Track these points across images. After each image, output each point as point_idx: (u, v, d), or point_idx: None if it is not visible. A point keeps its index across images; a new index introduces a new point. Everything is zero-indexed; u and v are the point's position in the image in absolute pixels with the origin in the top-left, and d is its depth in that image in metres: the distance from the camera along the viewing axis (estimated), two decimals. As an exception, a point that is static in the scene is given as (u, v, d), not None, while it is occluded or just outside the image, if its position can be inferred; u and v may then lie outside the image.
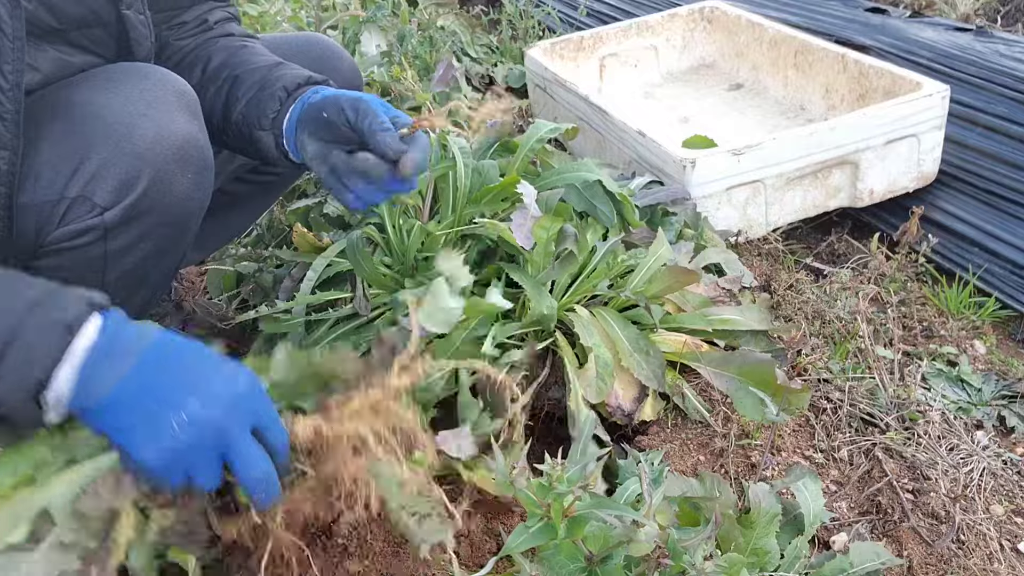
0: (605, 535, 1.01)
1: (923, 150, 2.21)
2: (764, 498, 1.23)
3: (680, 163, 2.01)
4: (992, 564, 1.32)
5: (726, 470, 1.45)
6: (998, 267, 2.05)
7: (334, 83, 1.32)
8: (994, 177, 2.21)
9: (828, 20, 3.04)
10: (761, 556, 1.17)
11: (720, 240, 1.96)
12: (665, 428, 1.53)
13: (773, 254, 2.17)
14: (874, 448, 1.52)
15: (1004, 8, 3.64)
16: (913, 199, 2.25)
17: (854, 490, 1.46)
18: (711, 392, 1.58)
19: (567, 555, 1.00)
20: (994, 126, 2.30)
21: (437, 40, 3.26)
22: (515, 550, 0.96)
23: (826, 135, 2.09)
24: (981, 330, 1.93)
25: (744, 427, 1.53)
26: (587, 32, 2.91)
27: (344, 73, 1.58)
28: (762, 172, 2.08)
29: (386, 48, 3.14)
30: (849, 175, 2.19)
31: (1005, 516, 1.42)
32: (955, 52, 2.59)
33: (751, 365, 1.46)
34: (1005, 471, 1.50)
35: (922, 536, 1.36)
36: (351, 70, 1.62)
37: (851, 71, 2.44)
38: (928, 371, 1.75)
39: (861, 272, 2.10)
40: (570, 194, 1.68)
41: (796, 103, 2.67)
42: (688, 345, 1.54)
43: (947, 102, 2.17)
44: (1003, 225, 2.12)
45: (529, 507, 0.96)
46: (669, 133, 2.23)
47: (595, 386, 1.44)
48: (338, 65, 1.58)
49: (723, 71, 2.97)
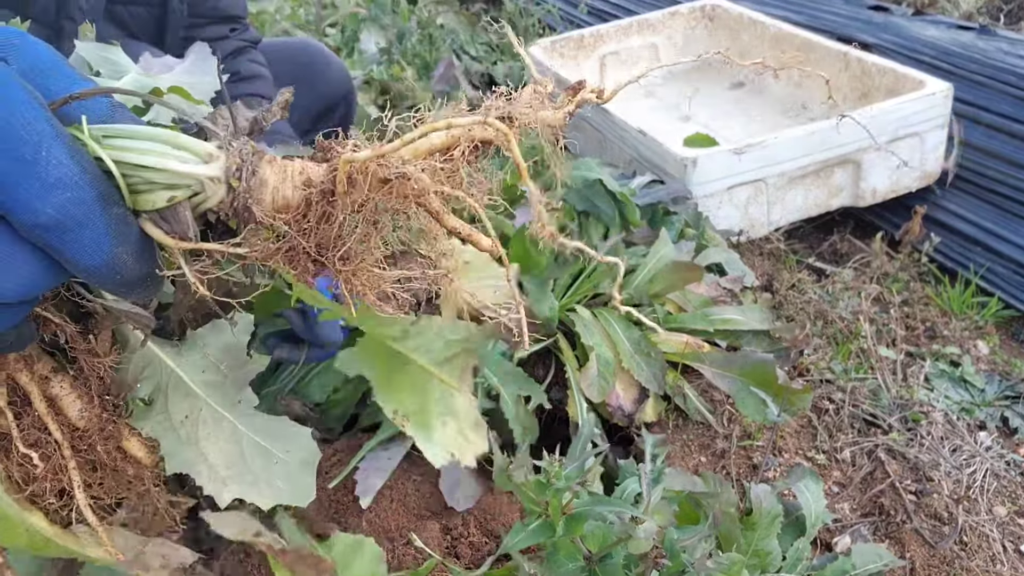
0: (604, 534, 1.00)
1: (926, 149, 2.20)
2: (765, 499, 1.22)
3: (681, 162, 1.99)
4: (995, 565, 1.31)
5: (728, 471, 1.44)
6: (1001, 267, 2.04)
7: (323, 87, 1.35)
8: (997, 176, 2.20)
9: (830, 18, 3.03)
10: (763, 557, 1.16)
11: (721, 239, 1.95)
12: (667, 429, 1.52)
13: (775, 254, 2.16)
14: (876, 449, 1.51)
15: (1007, 6, 3.63)
16: (916, 198, 2.24)
17: (856, 491, 1.45)
18: (713, 393, 1.57)
19: (566, 554, 0.99)
20: (997, 125, 2.29)
21: (437, 38, 3.25)
22: (513, 548, 0.95)
23: (828, 134, 2.08)
24: (984, 330, 1.92)
25: (746, 428, 1.52)
26: (588, 30, 2.90)
27: (332, 79, 1.60)
28: (764, 171, 2.07)
29: (385, 46, 3.13)
30: (851, 174, 2.18)
31: (1008, 517, 1.41)
32: (958, 50, 2.58)
33: (753, 365, 1.46)
34: (1008, 472, 1.49)
35: (925, 538, 1.35)
36: (339, 75, 1.64)
37: (853, 69, 2.43)
38: (931, 371, 1.74)
39: (863, 272, 2.09)
40: (571, 193, 1.67)
41: (798, 102, 2.65)
42: (690, 345, 1.53)
43: (950, 100, 2.16)
44: (1006, 224, 2.11)
45: (527, 504, 0.95)
46: (670, 132, 2.22)
47: (596, 385, 1.43)
48: (326, 71, 1.61)
49: (725, 70, 2.96)
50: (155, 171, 0.39)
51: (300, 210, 0.41)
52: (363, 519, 1.35)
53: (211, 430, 0.49)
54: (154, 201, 0.40)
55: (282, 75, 1.58)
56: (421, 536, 1.28)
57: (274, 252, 0.41)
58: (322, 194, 0.41)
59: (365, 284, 0.43)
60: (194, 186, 0.40)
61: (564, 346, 1.49)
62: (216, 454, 0.48)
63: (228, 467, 0.48)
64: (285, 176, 0.41)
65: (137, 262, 0.41)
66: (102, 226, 0.39)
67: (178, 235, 0.41)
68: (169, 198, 0.40)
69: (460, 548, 1.31)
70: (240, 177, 0.41)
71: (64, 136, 0.38)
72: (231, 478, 0.48)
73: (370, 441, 1.45)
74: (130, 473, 0.50)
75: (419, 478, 1.42)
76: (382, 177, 0.40)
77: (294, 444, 0.49)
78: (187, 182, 0.40)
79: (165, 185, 0.40)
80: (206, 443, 0.49)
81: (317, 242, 0.41)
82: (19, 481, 0.49)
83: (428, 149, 0.41)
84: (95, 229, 0.38)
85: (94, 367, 0.49)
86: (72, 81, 0.42)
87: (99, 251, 0.39)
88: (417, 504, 1.38)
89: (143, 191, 0.40)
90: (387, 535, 1.32)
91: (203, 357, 0.51)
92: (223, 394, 0.50)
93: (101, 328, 0.49)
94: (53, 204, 0.37)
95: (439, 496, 1.37)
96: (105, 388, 0.50)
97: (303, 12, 3.48)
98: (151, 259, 0.42)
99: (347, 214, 0.41)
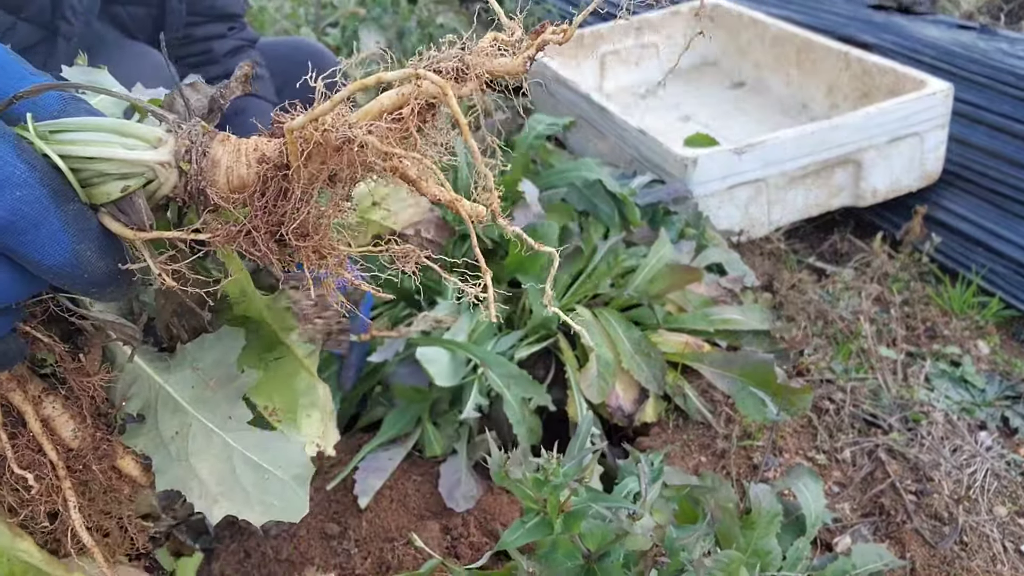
0: (603, 532, 0.99)
1: (926, 149, 2.19)
2: (765, 498, 1.22)
3: (681, 161, 1.99)
4: (995, 566, 1.31)
5: (728, 471, 1.44)
6: (1002, 267, 2.04)
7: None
8: (998, 176, 2.20)
9: (831, 17, 3.02)
10: (762, 556, 1.16)
11: (722, 239, 1.95)
12: (667, 429, 1.52)
13: (775, 253, 2.16)
14: (877, 449, 1.51)
15: (1007, 6, 3.62)
16: (916, 198, 2.24)
17: (857, 491, 1.45)
18: (713, 393, 1.57)
19: (565, 552, 0.99)
20: (998, 124, 2.28)
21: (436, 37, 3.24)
22: (511, 545, 0.95)
23: (829, 133, 2.08)
24: (985, 330, 1.92)
25: (746, 428, 1.52)
26: (588, 30, 2.90)
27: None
28: (764, 171, 2.07)
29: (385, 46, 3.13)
30: (852, 174, 2.18)
31: (1008, 517, 1.40)
32: (958, 50, 2.57)
33: (753, 365, 1.45)
34: (1008, 472, 1.49)
35: (925, 538, 1.35)
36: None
37: (854, 69, 2.43)
38: (931, 371, 1.74)
39: (864, 272, 2.09)
40: (571, 193, 1.67)
41: (798, 101, 2.65)
42: (690, 345, 1.53)
43: (951, 100, 2.16)
44: (1007, 224, 2.11)
45: (526, 502, 0.95)
46: (670, 131, 2.22)
47: (596, 386, 1.43)
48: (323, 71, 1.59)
49: (725, 69, 2.96)
50: (104, 161, 0.38)
51: (257, 188, 0.39)
52: (363, 519, 1.35)
53: (201, 446, 0.48)
54: (108, 192, 0.39)
55: (280, 75, 1.57)
56: (421, 536, 1.28)
57: (235, 235, 0.39)
58: (276, 169, 0.39)
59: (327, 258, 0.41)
60: (147, 173, 0.39)
61: (564, 346, 1.49)
62: (207, 471, 0.48)
63: (219, 483, 0.47)
64: (239, 155, 0.39)
65: (101, 258, 0.40)
66: (58, 223, 0.37)
67: (136, 225, 0.39)
68: (123, 188, 0.39)
69: (460, 548, 1.31)
70: (191, 160, 0.39)
71: (8, 135, 0.37)
72: (222, 495, 0.47)
73: (370, 442, 1.45)
74: (125, 492, 0.50)
75: (419, 478, 1.42)
76: (335, 145, 0.38)
77: (287, 459, 0.48)
78: (138, 170, 0.38)
79: (117, 175, 0.38)
80: (196, 459, 0.48)
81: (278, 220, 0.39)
82: (12, 506, 0.48)
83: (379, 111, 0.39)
84: (51, 226, 0.37)
85: (84, 387, 0.48)
86: (21, 78, 0.40)
87: (59, 249, 0.38)
88: (417, 504, 1.38)
89: (96, 183, 0.39)
90: (387, 535, 1.32)
91: (192, 372, 0.50)
92: (213, 409, 0.49)
93: (90, 346, 0.48)
94: (3, 205, 0.36)
95: (439, 496, 1.37)
96: (96, 408, 0.49)
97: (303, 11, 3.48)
98: (115, 254, 0.41)
99: (302, 188, 0.39)
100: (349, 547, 1.31)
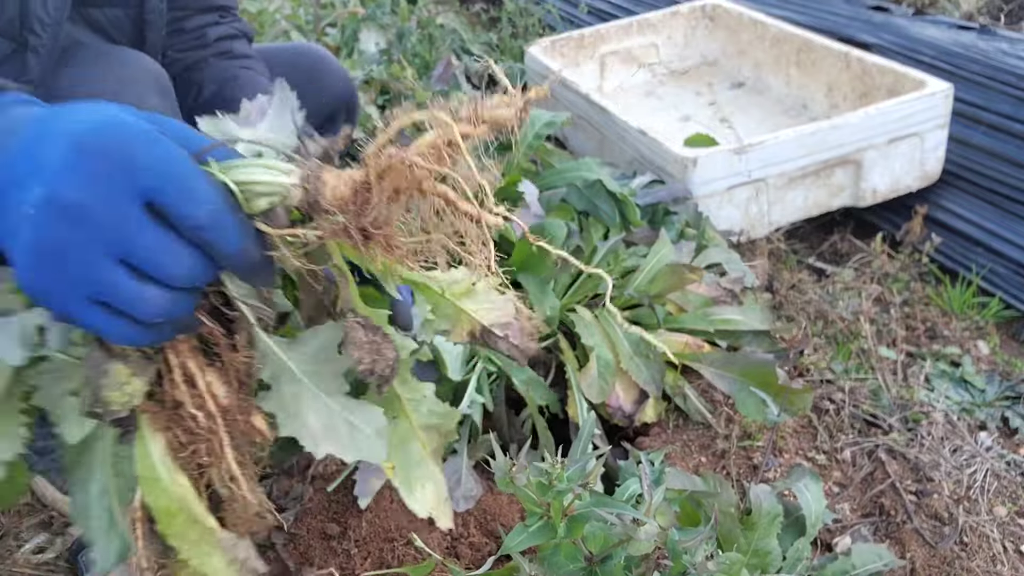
0: (605, 535, 1.00)
1: (926, 149, 2.20)
2: (765, 499, 1.22)
3: (681, 162, 1.99)
4: (995, 566, 1.31)
5: (728, 471, 1.44)
6: (1002, 267, 2.04)
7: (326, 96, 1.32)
8: (998, 176, 2.20)
9: (831, 18, 3.02)
10: (762, 557, 1.16)
11: (722, 239, 1.95)
12: (667, 429, 1.52)
13: (775, 254, 2.16)
14: (877, 449, 1.51)
15: (1007, 6, 3.63)
16: (916, 198, 2.24)
17: (857, 492, 1.45)
18: (713, 393, 1.57)
19: (567, 555, 0.99)
20: (998, 124, 2.29)
21: (436, 38, 3.25)
22: (514, 549, 0.95)
23: (829, 134, 2.08)
24: (985, 330, 1.92)
25: (746, 428, 1.52)
26: (588, 30, 2.90)
27: (335, 87, 1.55)
28: (764, 171, 2.07)
29: (385, 46, 3.13)
30: (852, 174, 2.18)
31: (1008, 518, 1.41)
32: (958, 50, 2.58)
33: (753, 366, 1.46)
34: (1008, 472, 1.49)
35: (925, 538, 1.35)
36: (342, 83, 1.59)
37: (854, 69, 2.43)
38: (931, 372, 1.74)
39: (864, 272, 2.09)
40: (571, 193, 1.67)
41: (798, 101, 2.65)
42: (690, 346, 1.53)
43: (951, 100, 2.16)
44: (1007, 225, 2.11)
45: (528, 506, 0.95)
46: (670, 132, 2.22)
47: (596, 386, 1.43)
48: (328, 79, 1.55)
49: (725, 69, 2.96)
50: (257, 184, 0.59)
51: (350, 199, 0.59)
52: (363, 519, 1.35)
53: (311, 406, 0.67)
54: (260, 206, 0.60)
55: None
56: (421, 536, 1.28)
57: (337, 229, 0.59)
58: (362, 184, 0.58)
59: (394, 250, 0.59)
60: (282, 191, 0.59)
61: (564, 346, 1.49)
62: (314, 423, 0.66)
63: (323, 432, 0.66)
64: (340, 178, 0.59)
65: (257, 250, 0.60)
66: (234, 225, 0.58)
67: (277, 226, 0.60)
68: (269, 202, 0.60)
69: (460, 548, 1.31)
70: (309, 182, 0.59)
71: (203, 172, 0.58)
72: (325, 440, 0.66)
73: (370, 441, 1.45)
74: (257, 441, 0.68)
75: (419, 478, 1.42)
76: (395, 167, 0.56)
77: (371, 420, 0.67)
78: (278, 190, 0.59)
79: (265, 194, 0.59)
80: (307, 415, 0.66)
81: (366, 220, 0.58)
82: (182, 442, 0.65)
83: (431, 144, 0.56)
84: (231, 226, 0.58)
85: (232, 360, 0.66)
86: (201, 140, 0.62)
87: (235, 241, 0.58)
88: (417, 504, 1.38)
89: (252, 199, 0.60)
90: (387, 535, 1.32)
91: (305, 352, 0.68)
92: (319, 382, 0.67)
93: (239, 330, 0.67)
94: (204, 212, 0.57)
95: (439, 496, 1.36)
96: (239, 377, 0.67)
97: (303, 12, 3.48)
98: (264, 247, 0.61)
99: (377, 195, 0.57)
100: (349, 547, 1.31)
